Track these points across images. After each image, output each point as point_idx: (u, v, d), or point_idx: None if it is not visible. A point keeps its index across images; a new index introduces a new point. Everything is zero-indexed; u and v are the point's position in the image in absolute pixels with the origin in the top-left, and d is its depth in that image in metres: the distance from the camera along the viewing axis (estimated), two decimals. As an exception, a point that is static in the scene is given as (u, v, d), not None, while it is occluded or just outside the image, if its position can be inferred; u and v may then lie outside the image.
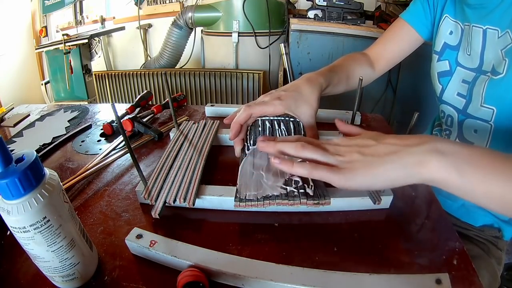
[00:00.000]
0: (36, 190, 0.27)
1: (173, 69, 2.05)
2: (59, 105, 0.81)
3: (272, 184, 0.40)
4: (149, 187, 0.42)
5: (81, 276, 0.32)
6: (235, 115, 0.49)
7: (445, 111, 0.63)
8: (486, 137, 0.56)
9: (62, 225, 0.29)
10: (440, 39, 0.62)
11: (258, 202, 0.38)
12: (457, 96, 0.59)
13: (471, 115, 0.57)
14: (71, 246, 0.30)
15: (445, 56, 0.61)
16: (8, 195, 0.26)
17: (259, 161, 0.45)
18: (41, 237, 0.28)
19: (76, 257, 0.31)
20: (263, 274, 0.31)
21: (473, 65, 0.56)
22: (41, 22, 2.37)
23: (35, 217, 0.27)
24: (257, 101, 0.51)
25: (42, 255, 0.29)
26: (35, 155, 0.27)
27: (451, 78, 0.60)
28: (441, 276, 0.31)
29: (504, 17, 0.50)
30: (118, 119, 0.35)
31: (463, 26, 0.57)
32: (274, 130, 0.50)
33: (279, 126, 0.51)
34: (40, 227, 0.27)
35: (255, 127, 0.51)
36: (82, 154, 0.58)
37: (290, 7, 1.85)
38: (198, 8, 1.90)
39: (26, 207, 0.26)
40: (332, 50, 1.50)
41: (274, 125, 0.51)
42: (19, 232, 0.27)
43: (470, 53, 0.56)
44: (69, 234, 0.30)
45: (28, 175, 0.26)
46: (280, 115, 0.50)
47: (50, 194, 0.28)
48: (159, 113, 0.71)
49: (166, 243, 0.35)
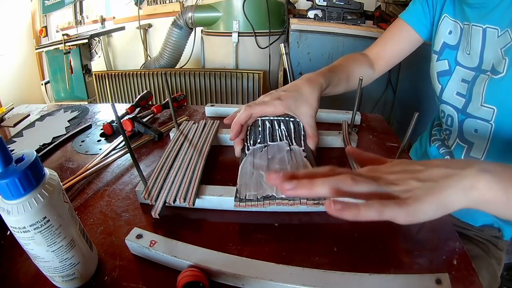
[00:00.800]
0: (36, 190, 0.27)
1: (173, 69, 2.05)
2: (59, 105, 0.81)
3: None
4: (149, 187, 0.42)
5: (81, 276, 0.32)
6: (235, 115, 0.49)
7: (445, 111, 0.63)
8: (487, 137, 0.56)
9: (62, 225, 0.29)
10: (440, 38, 0.62)
11: (258, 202, 0.38)
12: (457, 96, 0.59)
13: (471, 114, 0.57)
14: (71, 246, 0.30)
15: (444, 55, 0.61)
16: (8, 195, 0.26)
17: (259, 161, 0.45)
18: (41, 237, 0.28)
19: (76, 257, 0.31)
20: (263, 274, 0.31)
21: (472, 64, 0.56)
22: (41, 22, 2.37)
23: (35, 217, 0.27)
24: (257, 101, 0.51)
25: (42, 255, 0.29)
26: (35, 155, 0.27)
27: (451, 78, 0.60)
28: (441, 276, 0.31)
29: (504, 16, 0.50)
30: (118, 119, 0.35)
31: (462, 26, 0.57)
32: (274, 130, 0.50)
33: (279, 126, 0.51)
34: (40, 227, 0.27)
35: (255, 127, 0.51)
36: (82, 154, 0.58)
37: (290, 7, 1.85)
38: (198, 8, 1.90)
39: (26, 207, 0.26)
40: (332, 50, 1.50)
41: (274, 125, 0.51)
42: (19, 232, 0.27)
43: (469, 52, 0.56)
44: (69, 234, 0.30)
45: (28, 175, 0.26)
46: (280, 115, 0.51)
47: (50, 194, 0.28)
48: (159, 113, 0.71)
49: (166, 243, 0.35)
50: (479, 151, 0.58)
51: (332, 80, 0.57)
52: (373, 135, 0.62)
